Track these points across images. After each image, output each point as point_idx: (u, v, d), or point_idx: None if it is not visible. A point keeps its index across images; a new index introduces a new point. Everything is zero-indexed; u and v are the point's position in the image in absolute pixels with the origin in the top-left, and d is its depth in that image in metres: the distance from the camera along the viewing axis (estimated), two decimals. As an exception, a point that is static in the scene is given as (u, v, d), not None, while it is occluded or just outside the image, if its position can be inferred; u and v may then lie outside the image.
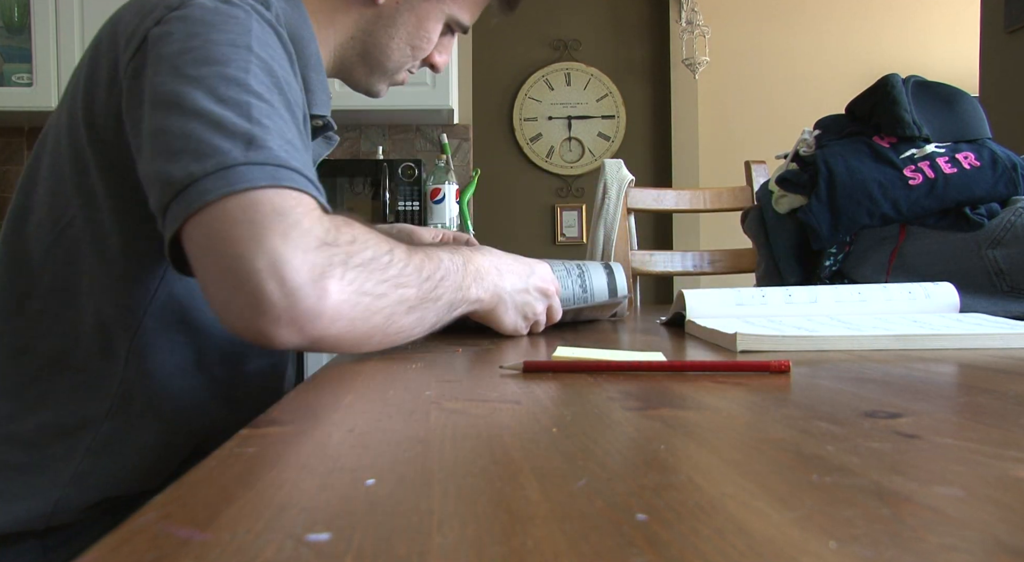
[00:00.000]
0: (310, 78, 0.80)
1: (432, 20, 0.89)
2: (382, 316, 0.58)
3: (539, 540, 0.20)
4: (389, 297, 0.58)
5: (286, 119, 0.63)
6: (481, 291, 0.72)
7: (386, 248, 0.60)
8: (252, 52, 0.64)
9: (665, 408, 0.39)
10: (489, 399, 0.43)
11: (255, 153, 0.56)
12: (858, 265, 1.09)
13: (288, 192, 0.56)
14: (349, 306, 0.55)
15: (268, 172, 0.56)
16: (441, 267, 0.65)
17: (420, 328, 0.64)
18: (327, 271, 0.53)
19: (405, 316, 0.60)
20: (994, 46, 2.12)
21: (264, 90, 0.62)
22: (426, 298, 0.62)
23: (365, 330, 0.57)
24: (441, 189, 2.83)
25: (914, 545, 0.19)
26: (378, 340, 0.60)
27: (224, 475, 0.28)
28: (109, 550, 0.20)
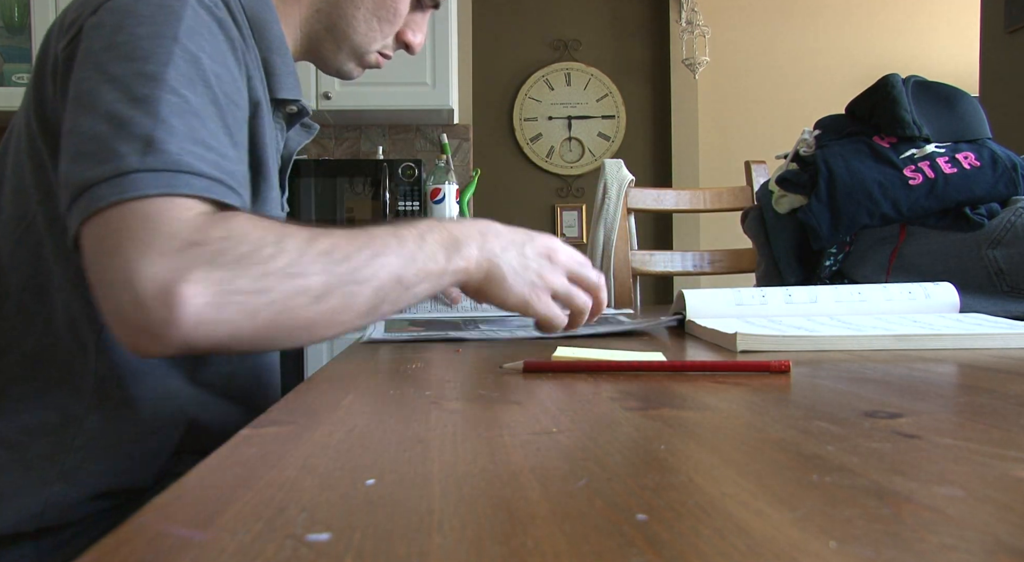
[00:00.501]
0: (273, 62, 0.78)
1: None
2: (273, 312, 0.53)
3: (539, 540, 0.20)
4: (276, 291, 0.53)
5: (205, 114, 0.61)
6: (461, 259, 0.64)
7: (273, 238, 0.55)
8: (178, 43, 0.62)
9: (665, 408, 0.39)
10: (489, 399, 0.43)
11: (152, 158, 0.56)
12: (858, 265, 1.09)
13: (173, 200, 0.55)
14: (214, 309, 0.51)
15: (162, 180, 0.55)
16: (373, 244, 0.59)
17: (353, 316, 0.58)
18: (181, 276, 0.51)
19: (313, 306, 0.55)
20: (994, 46, 2.12)
21: (182, 84, 0.61)
22: (344, 282, 0.56)
23: (253, 330, 0.53)
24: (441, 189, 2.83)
25: (914, 545, 0.19)
26: (285, 337, 0.56)
27: (224, 475, 0.28)
28: (109, 550, 0.20)
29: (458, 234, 0.65)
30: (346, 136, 3.13)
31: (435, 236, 0.63)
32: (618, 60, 3.35)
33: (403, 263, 0.60)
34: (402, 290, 0.60)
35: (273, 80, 0.79)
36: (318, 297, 0.55)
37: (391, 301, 0.60)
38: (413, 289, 0.61)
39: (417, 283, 0.61)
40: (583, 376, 0.51)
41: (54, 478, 0.68)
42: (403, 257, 0.60)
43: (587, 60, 3.35)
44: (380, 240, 0.60)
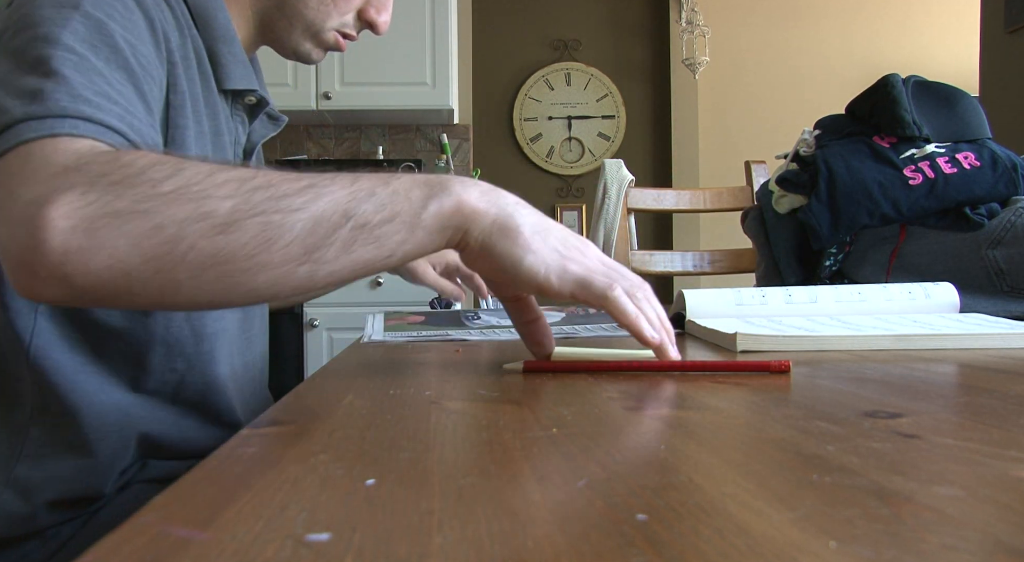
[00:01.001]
0: (219, 51, 0.75)
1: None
2: (162, 239, 0.45)
3: (539, 540, 0.20)
4: (164, 214, 0.45)
5: (110, 74, 0.57)
6: (448, 197, 0.49)
7: (173, 161, 0.47)
8: (78, 10, 0.59)
9: (665, 408, 0.39)
10: (489, 399, 0.43)
11: (37, 106, 0.52)
12: (858, 265, 1.09)
13: (57, 139, 0.50)
14: (84, 233, 0.44)
15: (45, 124, 0.51)
16: (313, 177, 0.49)
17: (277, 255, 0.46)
18: (50, 198, 0.45)
19: (217, 236, 0.45)
20: (994, 46, 2.12)
21: (78, 43, 0.57)
22: (262, 209, 0.46)
23: (141, 260, 0.45)
24: (441, 189, 2.83)
25: (914, 545, 0.19)
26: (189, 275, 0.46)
27: (224, 475, 0.28)
28: (109, 550, 0.20)
29: (445, 177, 0.52)
30: (346, 136, 3.13)
31: (410, 176, 0.51)
32: (618, 60, 3.35)
33: (355, 195, 0.48)
34: (357, 230, 0.47)
35: (220, 70, 0.75)
36: (224, 226, 0.45)
37: (342, 244, 0.47)
38: (376, 230, 0.48)
39: (381, 223, 0.48)
40: (583, 376, 0.51)
41: (2, 487, 0.66)
42: (354, 191, 0.48)
43: (587, 60, 3.35)
44: (327, 175, 0.49)
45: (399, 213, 0.48)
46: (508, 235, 0.50)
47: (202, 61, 0.74)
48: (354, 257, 0.48)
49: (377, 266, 0.49)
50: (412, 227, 0.48)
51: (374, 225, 0.48)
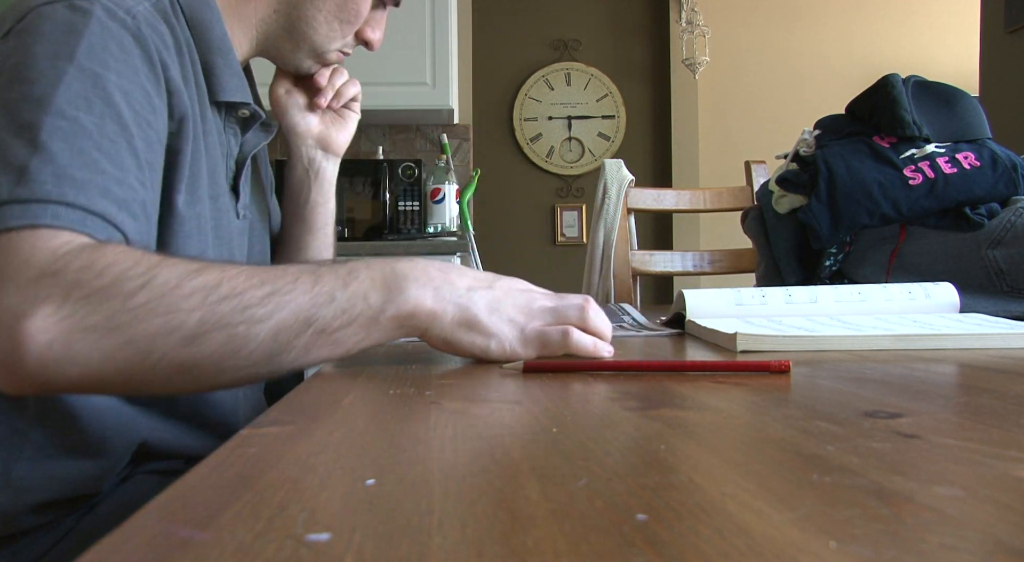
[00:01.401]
0: (214, 63, 0.76)
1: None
2: (133, 352, 0.48)
3: (539, 540, 0.20)
4: (135, 329, 0.48)
5: (101, 135, 0.58)
6: (406, 301, 0.53)
7: (142, 270, 0.49)
8: (73, 62, 0.59)
9: (665, 408, 0.39)
10: (489, 399, 0.43)
11: (22, 189, 0.53)
12: (858, 265, 1.09)
13: (37, 231, 0.51)
14: (62, 347, 0.47)
15: (29, 211, 0.52)
16: (276, 280, 0.51)
17: (242, 361, 0.50)
18: (28, 310, 0.47)
19: (186, 348, 0.48)
20: (994, 46, 2.12)
21: (75, 105, 0.58)
22: (228, 322, 0.49)
23: (114, 371, 0.48)
24: (441, 189, 2.84)
25: (914, 545, 0.19)
26: (160, 382, 0.50)
27: (224, 475, 0.28)
28: (109, 550, 0.20)
29: (402, 273, 0.55)
30: (346, 136, 3.13)
31: (370, 272, 0.54)
32: (618, 60, 3.35)
33: (314, 302, 0.51)
34: (317, 335, 0.51)
35: (213, 81, 0.76)
36: (192, 338, 0.49)
37: (303, 348, 0.51)
38: (335, 335, 0.52)
39: (340, 328, 0.52)
40: (583, 376, 0.51)
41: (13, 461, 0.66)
42: (315, 295, 0.51)
43: (587, 60, 3.35)
44: (290, 277, 0.52)
45: (357, 317, 0.52)
46: (471, 328, 0.55)
47: (198, 75, 0.74)
48: (313, 357, 0.52)
49: (335, 359, 0.54)
50: (369, 329, 0.53)
51: (333, 330, 0.51)
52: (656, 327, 0.85)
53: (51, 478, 0.68)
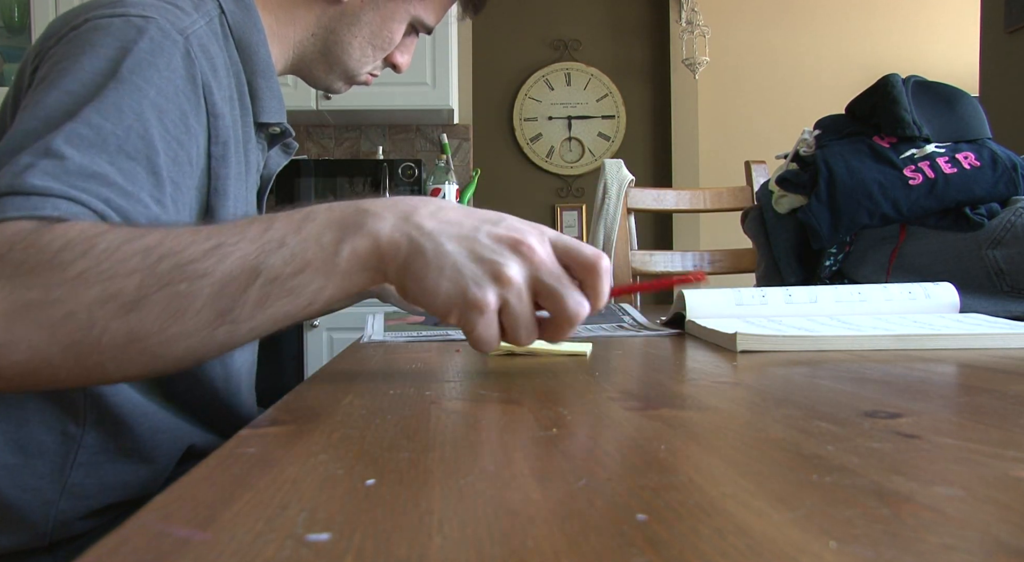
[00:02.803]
0: (258, 85, 0.78)
1: (396, 20, 0.87)
2: (75, 327, 0.44)
3: (539, 540, 0.20)
4: (73, 300, 0.44)
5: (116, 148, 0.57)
6: (363, 237, 0.46)
7: (83, 239, 0.46)
8: (115, 77, 0.60)
9: (665, 408, 0.39)
10: (489, 399, 0.43)
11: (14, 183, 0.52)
12: (858, 265, 1.09)
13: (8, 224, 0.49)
14: (3, 329, 0.43)
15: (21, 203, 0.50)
16: (220, 233, 0.46)
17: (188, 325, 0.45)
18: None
19: (127, 316, 0.44)
20: (994, 46, 2.12)
21: (100, 116, 0.57)
22: (167, 280, 0.44)
23: (60, 349, 0.44)
24: (441, 189, 2.83)
25: (914, 545, 0.19)
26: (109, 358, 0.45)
27: (224, 475, 0.28)
28: (109, 550, 0.20)
29: (364, 207, 0.48)
30: (346, 136, 3.13)
31: (328, 214, 0.48)
32: (618, 60, 3.35)
33: (263, 248, 0.46)
34: (267, 285, 0.45)
35: (257, 104, 0.78)
36: (132, 303, 0.44)
37: (254, 302, 0.45)
38: (288, 283, 0.46)
39: (293, 274, 0.46)
40: (583, 376, 0.51)
41: (57, 496, 0.67)
42: (264, 242, 0.46)
43: (587, 60, 3.35)
44: (238, 228, 0.47)
45: (310, 261, 0.46)
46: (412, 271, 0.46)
47: (243, 96, 0.76)
48: (271, 312, 0.46)
49: (300, 316, 0.48)
50: (328, 274, 0.46)
51: (285, 277, 0.46)
52: (656, 327, 0.85)
53: (105, 483, 0.69)
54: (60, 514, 0.66)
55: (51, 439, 0.68)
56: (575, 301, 0.49)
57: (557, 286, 0.49)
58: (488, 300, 0.46)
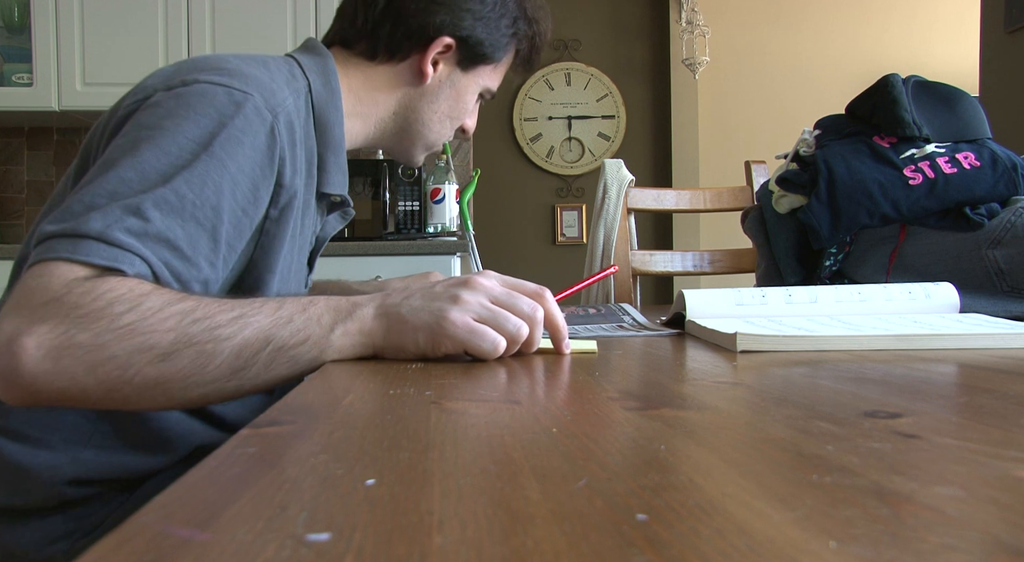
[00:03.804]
0: (327, 159, 0.84)
1: (470, 93, 0.94)
2: (113, 367, 0.54)
3: (539, 540, 0.20)
4: (116, 347, 0.54)
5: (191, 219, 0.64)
6: (353, 320, 0.60)
7: (132, 297, 0.56)
8: (208, 149, 0.66)
9: (665, 408, 0.39)
10: (489, 399, 0.43)
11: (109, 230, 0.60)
12: (858, 265, 1.09)
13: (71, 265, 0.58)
14: (51, 361, 0.53)
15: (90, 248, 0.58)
16: (242, 306, 0.58)
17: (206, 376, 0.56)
18: (28, 328, 0.54)
19: (159, 365, 0.55)
20: (994, 46, 2.12)
21: (186, 185, 0.64)
22: (197, 340, 0.55)
23: (96, 384, 0.54)
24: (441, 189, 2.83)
25: (914, 545, 0.19)
26: (133, 394, 0.56)
27: (224, 475, 0.28)
28: (109, 550, 0.20)
29: (356, 301, 0.62)
30: (346, 136, 3.13)
31: (327, 303, 0.61)
32: (618, 60, 3.35)
33: (275, 323, 0.58)
34: (276, 352, 0.57)
35: (323, 176, 0.84)
36: (164, 355, 0.55)
37: (264, 364, 0.57)
38: (290, 352, 0.58)
39: (295, 345, 0.58)
40: (583, 376, 0.51)
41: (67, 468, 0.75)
42: (276, 317, 0.58)
43: (587, 60, 3.34)
44: (256, 304, 0.59)
45: (311, 336, 0.58)
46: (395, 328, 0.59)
47: (311, 166, 0.82)
48: (274, 373, 0.58)
49: (296, 377, 0.59)
50: (322, 348, 0.59)
51: (289, 347, 0.58)
52: (656, 327, 0.85)
53: (113, 465, 0.77)
54: (69, 482, 0.75)
55: (73, 419, 0.75)
56: (529, 304, 0.61)
57: (509, 296, 0.61)
58: (453, 317, 0.58)
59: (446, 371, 0.56)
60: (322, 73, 0.85)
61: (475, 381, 0.51)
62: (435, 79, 0.91)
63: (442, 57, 0.90)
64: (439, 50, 0.89)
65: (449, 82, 0.92)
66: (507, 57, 0.95)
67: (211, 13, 2.62)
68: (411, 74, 0.90)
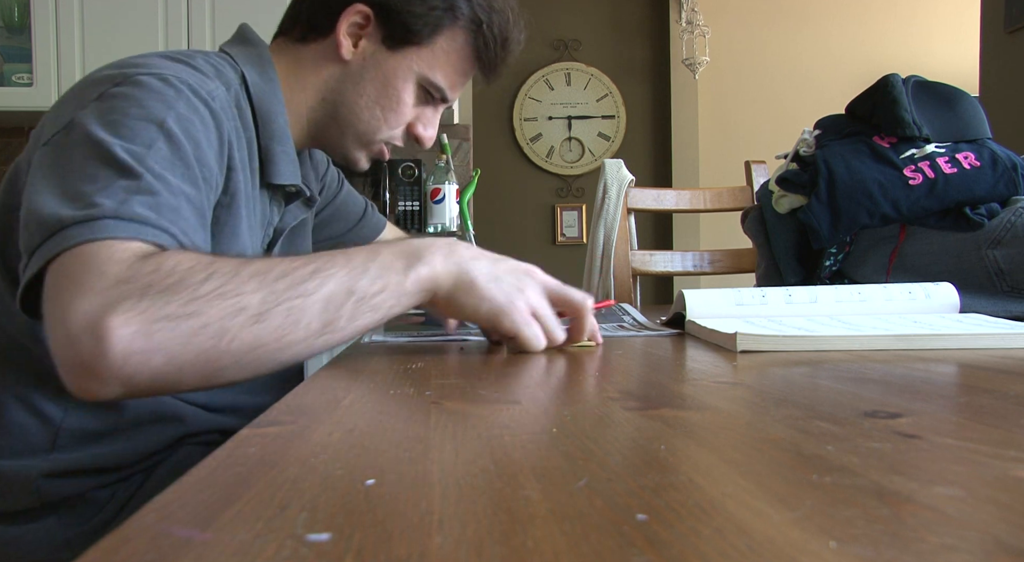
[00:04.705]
0: (273, 150, 0.82)
1: (399, 78, 0.86)
2: (210, 335, 0.52)
3: (539, 540, 0.20)
4: (208, 313, 0.52)
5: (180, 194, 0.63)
6: (423, 265, 0.60)
7: (203, 266, 0.54)
8: (163, 129, 0.65)
9: (665, 408, 0.39)
10: (489, 399, 0.43)
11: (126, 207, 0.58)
12: (858, 265, 1.09)
13: (115, 242, 0.55)
14: (143, 337, 0.50)
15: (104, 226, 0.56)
16: (316, 261, 0.57)
17: (305, 331, 0.55)
18: (109, 310, 0.50)
19: (255, 326, 0.53)
20: (994, 46, 2.12)
21: (159, 164, 0.63)
22: (285, 297, 0.54)
23: (194, 356, 0.52)
24: (441, 189, 2.84)
25: (914, 545, 0.19)
26: (230, 362, 0.53)
27: (224, 475, 0.28)
28: (109, 550, 0.20)
29: (418, 245, 0.62)
30: (346, 136, 3.13)
31: (391, 249, 0.61)
32: (618, 60, 3.35)
33: (352, 274, 0.57)
34: (358, 303, 0.57)
35: (271, 167, 0.82)
36: (257, 316, 0.53)
37: (349, 316, 0.57)
38: (372, 301, 0.58)
39: (376, 294, 0.58)
40: (583, 376, 0.51)
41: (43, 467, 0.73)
42: (352, 268, 0.58)
43: (587, 60, 3.35)
44: (324, 258, 0.58)
45: (388, 284, 0.59)
46: (465, 289, 0.62)
47: (253, 159, 0.81)
48: (358, 324, 0.57)
49: (376, 325, 0.60)
50: (399, 295, 0.59)
51: (369, 296, 0.58)
52: (656, 327, 0.85)
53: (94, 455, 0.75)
54: (48, 482, 0.73)
55: (32, 422, 0.74)
56: (580, 296, 0.68)
57: (562, 289, 0.67)
58: (520, 305, 0.63)
59: (446, 371, 0.56)
60: (257, 63, 0.82)
61: (475, 381, 0.51)
62: (358, 57, 0.85)
63: (364, 32, 0.85)
64: (357, 20, 0.84)
65: (373, 62, 0.85)
66: (445, 42, 0.87)
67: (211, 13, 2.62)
68: (333, 50, 0.85)
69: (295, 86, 0.86)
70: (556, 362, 0.60)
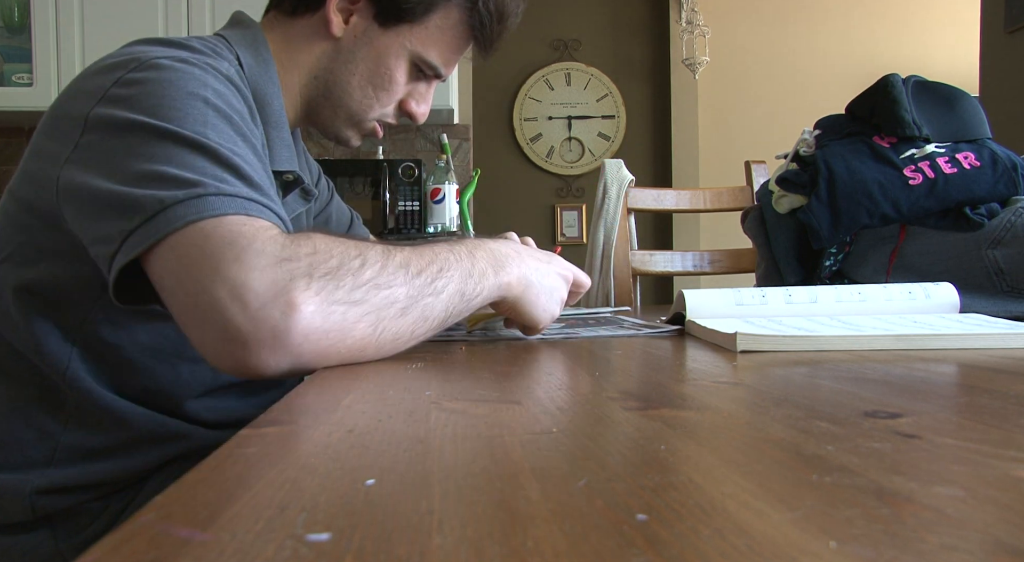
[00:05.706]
0: (271, 135, 0.80)
1: (392, 56, 0.85)
2: (367, 324, 0.54)
3: (539, 540, 0.20)
4: (369, 302, 0.54)
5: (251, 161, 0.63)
6: (506, 275, 0.66)
7: (355, 253, 0.55)
8: (210, 105, 0.64)
9: (665, 408, 0.39)
10: (489, 399, 0.43)
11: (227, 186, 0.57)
12: (858, 265, 1.09)
13: (245, 218, 0.55)
14: (321, 318, 0.51)
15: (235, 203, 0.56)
16: (437, 259, 0.60)
17: (426, 327, 0.59)
18: (289, 285, 0.51)
19: (399, 319, 0.56)
20: (994, 46, 2.12)
21: (220, 136, 0.62)
22: (423, 294, 0.57)
23: (350, 343, 0.53)
24: (441, 189, 2.84)
25: (914, 545, 0.19)
26: (372, 351, 0.56)
27: (224, 475, 0.28)
28: (109, 550, 0.20)
29: (497, 252, 0.67)
30: (346, 136, 3.13)
31: (481, 253, 0.65)
32: (618, 60, 3.35)
33: (463, 277, 0.61)
34: (463, 303, 0.61)
35: (271, 153, 0.81)
36: (404, 309, 0.56)
37: (455, 314, 0.61)
38: (471, 302, 0.62)
39: (474, 296, 0.62)
40: (583, 376, 0.51)
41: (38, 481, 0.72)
42: (462, 272, 0.61)
43: (587, 60, 3.35)
44: (442, 256, 0.61)
45: (483, 289, 0.63)
46: (529, 300, 0.69)
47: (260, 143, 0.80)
48: (454, 320, 0.62)
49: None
50: (485, 299, 0.64)
51: (471, 297, 0.62)
52: (656, 325, 0.85)
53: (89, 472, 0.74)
54: (41, 498, 0.72)
55: (30, 435, 0.72)
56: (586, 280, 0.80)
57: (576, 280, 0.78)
58: (555, 313, 0.72)
59: (446, 371, 0.56)
60: (251, 45, 0.81)
61: (475, 381, 0.51)
62: (349, 34, 0.84)
63: (355, 8, 0.83)
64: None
65: (366, 39, 0.84)
66: (440, 19, 0.85)
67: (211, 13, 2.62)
68: (324, 26, 0.84)
69: (287, 64, 0.85)
70: (556, 362, 0.60)
